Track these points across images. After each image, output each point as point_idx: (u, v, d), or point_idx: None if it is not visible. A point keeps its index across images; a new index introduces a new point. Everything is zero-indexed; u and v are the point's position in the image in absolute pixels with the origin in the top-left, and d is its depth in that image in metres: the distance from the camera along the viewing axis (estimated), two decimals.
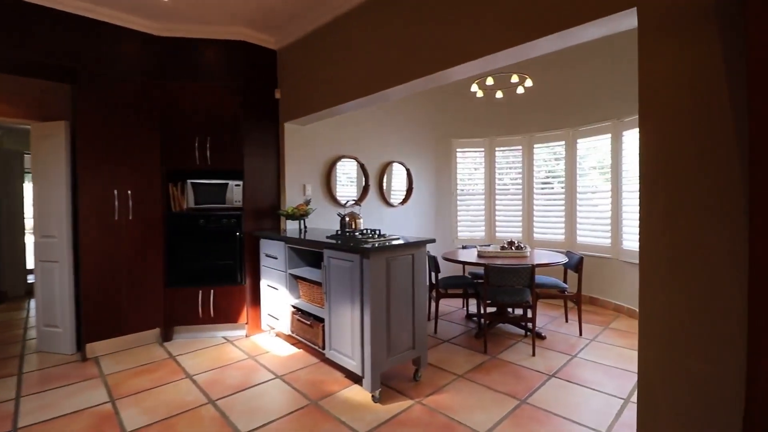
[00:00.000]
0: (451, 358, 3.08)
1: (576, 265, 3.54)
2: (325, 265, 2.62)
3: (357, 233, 2.84)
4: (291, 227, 3.79)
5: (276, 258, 3.23)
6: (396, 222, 4.88)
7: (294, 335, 3.07)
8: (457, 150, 5.34)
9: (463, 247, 4.43)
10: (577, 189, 4.66)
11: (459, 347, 3.31)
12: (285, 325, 3.16)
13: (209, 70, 3.56)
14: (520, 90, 3.95)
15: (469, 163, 5.48)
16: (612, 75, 4.17)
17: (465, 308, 4.31)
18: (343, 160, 4.30)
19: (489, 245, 4.25)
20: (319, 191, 4.11)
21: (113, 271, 3.22)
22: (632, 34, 4.10)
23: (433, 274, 3.72)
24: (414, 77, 2.53)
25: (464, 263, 3.47)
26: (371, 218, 4.59)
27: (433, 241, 2.72)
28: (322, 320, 2.76)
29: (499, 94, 4.10)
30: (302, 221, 3.65)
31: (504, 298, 3.22)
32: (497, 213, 5.26)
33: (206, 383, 2.70)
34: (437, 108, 5.26)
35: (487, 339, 3.32)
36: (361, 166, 4.48)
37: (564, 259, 3.43)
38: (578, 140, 4.62)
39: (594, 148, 4.54)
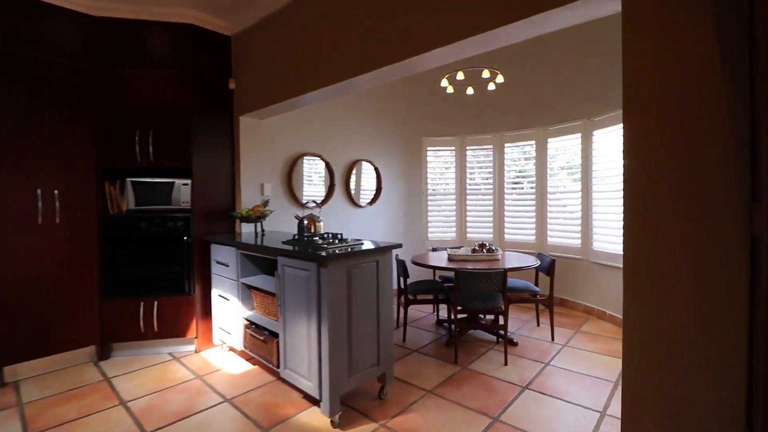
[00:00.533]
0: (420, 370, 2.87)
1: (548, 267, 3.43)
2: (279, 274, 2.34)
3: (317, 238, 2.58)
4: (247, 231, 3.48)
5: (227, 265, 2.92)
6: (364, 224, 4.64)
7: (247, 351, 2.77)
8: (428, 149, 5.16)
9: (434, 250, 4.25)
10: (548, 189, 4.58)
11: (429, 357, 3.11)
12: (237, 340, 2.86)
13: (153, 56, 3.19)
14: (491, 86, 3.81)
15: (439, 162, 5.32)
16: (582, 73, 4.10)
17: (435, 314, 4.13)
18: (306, 157, 4.01)
19: (460, 248, 4.09)
20: (280, 191, 3.80)
21: (36, 283, 2.80)
22: (604, 29, 4.11)
23: (401, 279, 3.51)
24: (381, 64, 2.29)
25: (434, 268, 3.28)
26: (338, 220, 4.33)
27: (399, 246, 2.50)
28: (277, 335, 2.48)
29: (470, 91, 3.94)
30: (259, 224, 3.34)
31: (475, 304, 3.05)
32: (468, 214, 5.13)
33: (142, 411, 2.36)
34: (407, 105, 5.06)
35: (457, 347, 3.14)
36: (327, 165, 4.21)
37: (536, 263, 3.30)
38: (549, 140, 4.55)
39: (564, 148, 4.48)
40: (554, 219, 4.56)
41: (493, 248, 3.55)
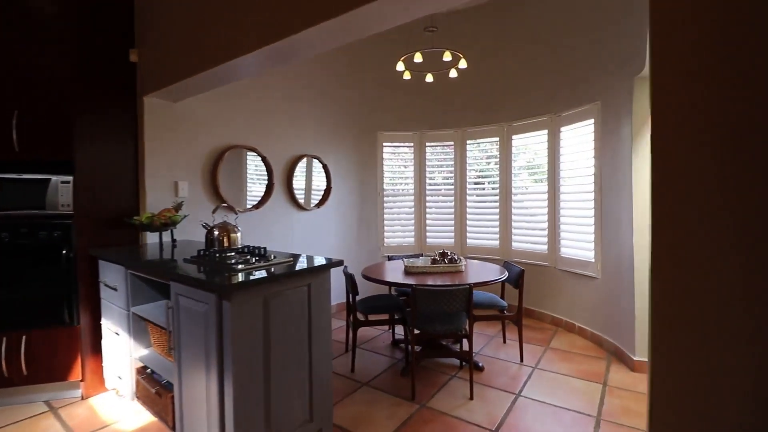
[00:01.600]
0: (371, 413, 2.33)
1: (516, 279, 3.02)
2: (172, 306, 1.71)
3: (232, 253, 1.97)
4: (156, 242, 2.77)
5: (115, 289, 2.22)
6: (311, 229, 4.04)
7: (140, 403, 2.10)
8: (384, 144, 4.65)
9: (389, 258, 3.74)
10: (512, 191, 4.22)
11: (381, 393, 2.58)
12: (128, 389, 2.18)
13: (20, 15, 2.42)
14: (453, 74, 3.35)
15: (397, 160, 4.82)
16: (549, 63, 3.75)
17: (391, 332, 3.62)
18: (238, 151, 3.35)
19: (419, 256, 3.61)
20: (201, 192, 3.12)
21: None
22: (575, 17, 3.78)
23: (350, 295, 2.96)
24: (329, 16, 1.71)
25: (388, 283, 2.76)
26: (279, 226, 3.70)
27: (338, 264, 1.96)
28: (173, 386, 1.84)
29: (429, 78, 3.47)
30: (165, 233, 2.66)
31: (435, 326, 2.56)
32: (428, 217, 4.67)
33: None
34: (360, 95, 4.51)
35: (415, 380, 2.64)
36: (264, 160, 3.56)
37: (504, 275, 2.88)
38: (513, 136, 4.18)
39: (524, 147, 4.13)
40: (519, 223, 4.20)
41: (456, 258, 3.09)
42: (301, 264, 1.88)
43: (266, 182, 3.61)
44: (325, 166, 4.14)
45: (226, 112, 3.29)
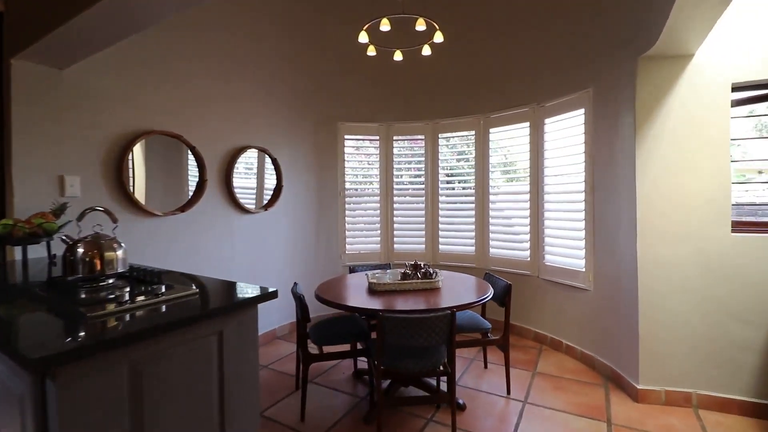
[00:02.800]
0: None
1: (502, 296, 2.52)
2: None
3: (106, 281, 1.31)
4: (39, 256, 2.02)
5: None
6: (256, 236, 3.37)
7: None
8: (346, 137, 4.05)
9: (352, 270, 3.15)
10: (490, 191, 3.76)
11: None
12: None
13: None
14: (426, 50, 2.81)
15: (361, 155, 4.24)
16: (532, 45, 3.31)
17: (353, 361, 3.02)
18: (153, 138, 2.63)
19: (386, 268, 3.06)
20: (102, 190, 2.39)
21: None
22: None
23: (301, 320, 2.35)
24: None
25: (347, 308, 2.17)
26: (212, 233, 3.01)
27: (270, 296, 1.35)
28: None
29: (398, 56, 2.91)
30: (38, 246, 1.93)
31: (407, 364, 2.00)
32: (396, 220, 4.12)
33: None
34: (318, 79, 3.88)
35: (382, 427, 2.06)
36: (193, 151, 2.86)
37: (489, 292, 2.37)
38: (491, 129, 3.72)
39: (503, 141, 3.68)
40: (498, 227, 3.75)
41: (431, 271, 2.55)
42: (214, 298, 1.25)
43: (198, 179, 2.91)
44: (274, 161, 3.48)
45: (141, 87, 2.57)
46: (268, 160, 3.45)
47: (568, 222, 3.15)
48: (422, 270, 2.56)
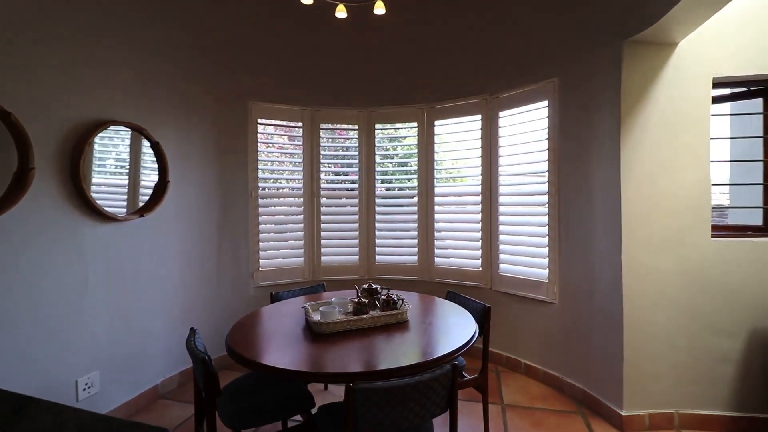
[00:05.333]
0: None
1: (481, 322, 2.00)
2: None
3: None
4: None
5: None
6: (126, 254, 2.30)
7: None
8: (260, 121, 3.15)
9: (274, 298, 2.32)
10: (435, 191, 3.28)
11: None
12: None
13: None
14: (379, 11, 2.16)
15: (279, 145, 3.39)
16: (488, 26, 2.91)
17: None
18: None
19: (318, 290, 2.34)
20: None
21: None
22: None
23: (205, 395, 1.48)
24: None
25: (285, 376, 1.39)
26: (47, 252, 1.89)
27: None
28: None
29: (341, 13, 2.20)
30: None
31: None
32: (323, 227, 3.37)
33: None
34: (223, 41, 2.91)
35: None
36: (6, 120, 1.73)
37: (475, 326, 1.82)
38: (436, 122, 3.25)
39: (444, 136, 3.25)
40: (445, 233, 3.28)
41: (394, 298, 1.91)
42: None
43: (17, 167, 1.77)
44: (156, 147, 2.44)
45: None
46: (145, 144, 2.40)
47: (528, 227, 2.82)
48: (382, 297, 1.90)
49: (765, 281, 2.03)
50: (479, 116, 3.04)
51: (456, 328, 1.76)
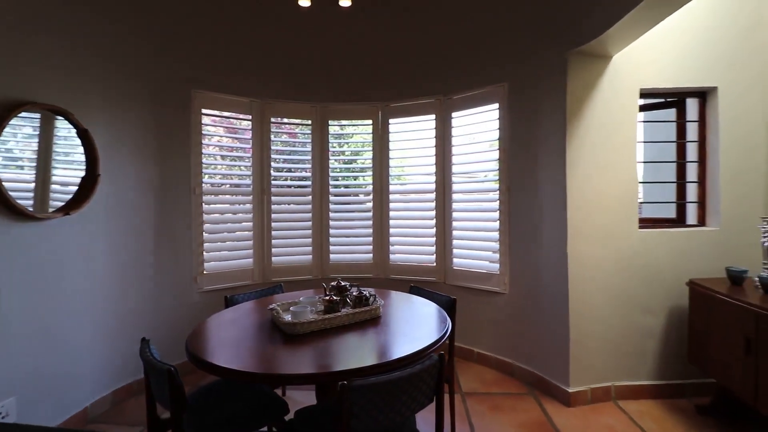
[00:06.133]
0: None
1: (448, 314, 2.06)
2: None
3: None
4: None
5: None
6: (47, 259, 1.98)
7: None
8: (204, 112, 2.90)
9: (228, 301, 2.16)
10: (390, 189, 3.30)
11: None
12: None
13: None
14: (344, 2, 2.11)
15: (226, 138, 3.16)
16: (443, 30, 2.99)
17: None
18: None
19: (275, 291, 2.25)
20: None
21: None
22: None
23: (172, 405, 1.33)
24: None
25: (271, 380, 1.30)
26: None
27: None
28: None
29: (304, 1, 2.10)
30: None
31: None
32: (274, 225, 3.21)
33: None
34: (165, 27, 2.63)
35: None
36: None
37: (439, 312, 1.87)
38: (391, 120, 3.28)
39: (399, 134, 3.30)
40: (399, 230, 3.32)
41: (366, 294, 1.88)
42: None
43: None
44: (84, 134, 2.13)
45: None
46: (71, 132, 2.08)
47: (480, 223, 2.97)
48: (354, 294, 1.87)
49: (679, 265, 2.37)
50: (433, 116, 3.13)
51: (430, 319, 1.79)
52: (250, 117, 3.08)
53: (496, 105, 2.79)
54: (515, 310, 2.74)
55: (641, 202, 2.44)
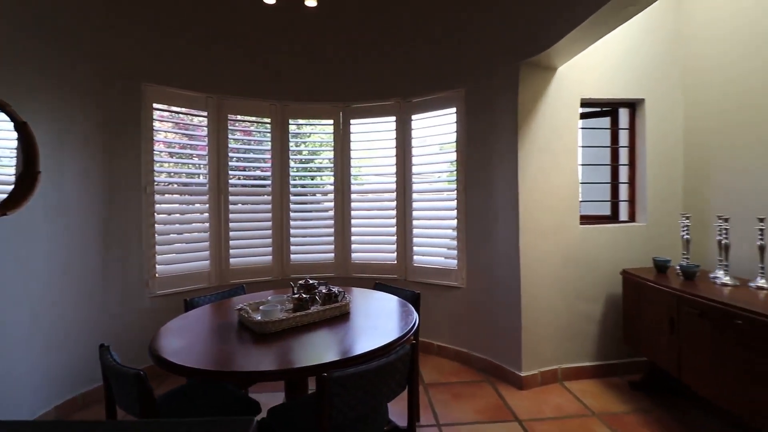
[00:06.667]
0: None
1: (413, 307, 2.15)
2: None
3: None
4: None
5: None
6: None
7: None
8: (156, 107, 2.76)
9: (188, 305, 2.08)
10: (351, 189, 3.35)
11: None
12: None
13: None
14: (310, 2, 2.12)
15: (180, 135, 3.02)
16: (405, 36, 3.09)
17: None
18: None
19: (238, 292, 2.22)
20: None
21: None
22: None
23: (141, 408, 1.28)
24: None
25: (235, 376, 1.30)
26: None
27: None
28: None
29: None
30: None
31: None
32: (232, 226, 3.12)
33: None
34: (114, 16, 2.46)
35: None
36: None
37: (404, 305, 1.96)
38: (352, 121, 3.32)
39: (360, 135, 3.36)
40: (361, 229, 3.37)
41: (335, 291, 1.92)
42: None
43: None
44: (22, 127, 1.95)
45: None
46: (7, 125, 1.90)
47: (439, 221, 3.10)
48: (323, 291, 1.89)
49: (614, 257, 2.66)
50: (394, 118, 3.22)
51: (397, 312, 1.86)
52: (206, 113, 2.97)
53: (454, 109, 2.94)
54: (472, 303, 2.90)
55: (581, 201, 2.68)
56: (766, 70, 2.13)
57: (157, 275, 2.78)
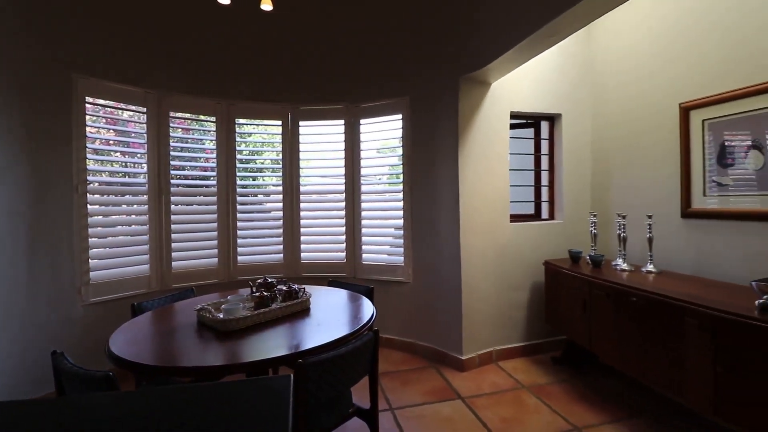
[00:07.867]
0: None
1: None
2: None
3: None
4: None
5: None
6: None
7: None
8: (89, 101, 2.57)
9: (137, 309, 2.01)
10: (300, 189, 3.40)
11: None
12: None
13: None
14: (266, 6, 2.15)
15: (116, 131, 2.83)
16: (354, 42, 3.22)
17: None
18: None
19: (187, 296, 2.20)
20: None
21: None
22: None
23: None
24: None
25: (208, 371, 1.35)
26: None
27: None
28: None
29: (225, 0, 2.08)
30: None
31: (323, 419, 1.46)
32: (174, 227, 3.00)
33: None
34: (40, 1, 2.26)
35: None
36: None
37: (370, 303, 2.10)
38: (301, 122, 3.37)
39: (309, 137, 3.44)
40: (310, 229, 3.43)
41: (295, 288, 2.00)
42: None
43: None
44: None
45: None
46: None
47: (386, 220, 3.28)
48: (283, 288, 1.96)
49: (537, 250, 3.05)
50: (342, 121, 3.33)
51: (356, 306, 2.00)
52: (145, 109, 2.83)
53: (400, 115, 3.14)
54: (418, 296, 3.12)
55: (511, 202, 3.04)
56: (652, 90, 2.62)
57: (91, 282, 2.59)
